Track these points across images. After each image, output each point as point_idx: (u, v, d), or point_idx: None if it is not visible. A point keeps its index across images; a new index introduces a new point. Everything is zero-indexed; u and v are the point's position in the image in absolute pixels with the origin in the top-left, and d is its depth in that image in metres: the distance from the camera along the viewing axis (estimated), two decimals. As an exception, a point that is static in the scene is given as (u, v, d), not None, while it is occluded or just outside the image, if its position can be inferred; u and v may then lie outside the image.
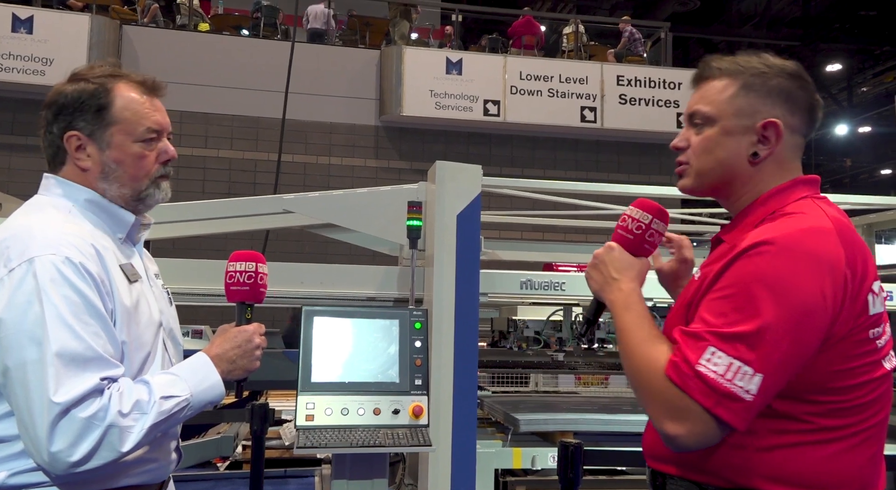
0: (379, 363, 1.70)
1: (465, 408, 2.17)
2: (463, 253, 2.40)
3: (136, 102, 1.28)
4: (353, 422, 1.62)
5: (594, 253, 1.28)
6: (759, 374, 1.00)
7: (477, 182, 2.50)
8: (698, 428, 1.01)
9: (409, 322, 1.75)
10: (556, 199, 3.06)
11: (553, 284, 2.52)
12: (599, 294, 1.24)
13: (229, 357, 1.29)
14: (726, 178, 1.20)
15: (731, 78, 1.20)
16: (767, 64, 1.20)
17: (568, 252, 3.36)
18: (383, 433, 1.60)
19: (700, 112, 1.20)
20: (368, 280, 2.54)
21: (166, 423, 1.16)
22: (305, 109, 8.47)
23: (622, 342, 1.16)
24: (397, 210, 2.50)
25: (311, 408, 1.61)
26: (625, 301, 1.17)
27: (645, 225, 1.23)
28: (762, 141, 1.17)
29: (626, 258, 1.23)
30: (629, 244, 1.24)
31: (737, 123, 1.18)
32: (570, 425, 2.61)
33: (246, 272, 1.39)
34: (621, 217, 1.28)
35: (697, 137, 1.21)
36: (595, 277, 1.25)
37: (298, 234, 7.69)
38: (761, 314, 1.01)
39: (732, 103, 1.18)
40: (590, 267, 1.28)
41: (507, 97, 8.79)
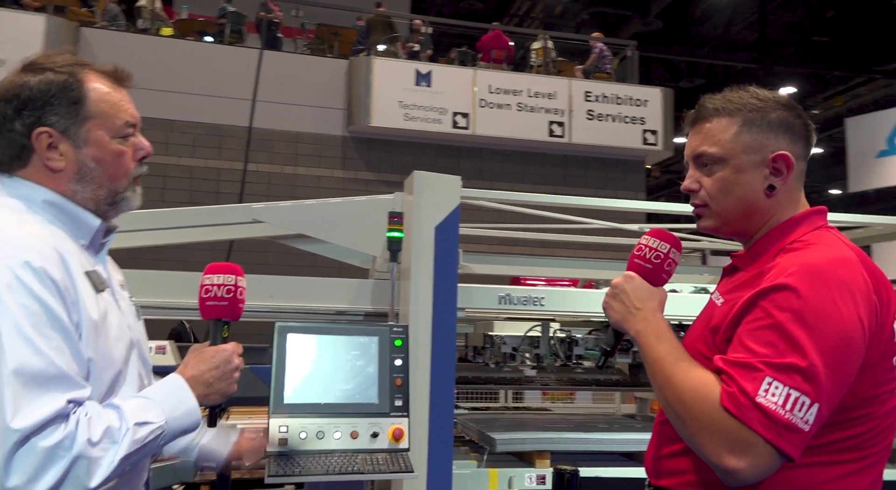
0: (357, 383, 1.60)
1: (442, 429, 2.08)
2: (441, 266, 2.32)
3: (110, 94, 1.15)
4: (330, 446, 1.51)
5: (612, 283, 1.26)
6: (816, 404, 0.99)
7: (456, 193, 2.43)
8: (760, 460, 0.99)
9: (389, 339, 1.66)
10: (533, 212, 3.01)
11: (532, 299, 2.46)
12: (622, 324, 1.22)
13: (206, 380, 1.16)
14: (747, 214, 1.21)
15: (730, 116, 1.21)
16: (760, 98, 1.22)
17: (543, 266, 3.31)
18: (362, 458, 1.50)
19: (708, 153, 1.21)
20: (341, 293, 2.43)
21: (139, 453, 1.03)
22: (271, 118, 8.32)
23: (659, 373, 1.12)
24: (372, 221, 2.40)
25: (284, 431, 1.50)
26: (655, 331, 1.16)
27: (664, 255, 1.24)
28: (774, 173, 1.19)
29: (646, 287, 1.22)
30: (647, 273, 1.24)
31: (747, 160, 1.19)
32: (548, 445, 2.54)
33: (224, 286, 1.26)
34: (636, 247, 1.27)
35: (710, 179, 1.22)
36: (616, 307, 1.23)
37: (262, 244, 7.50)
38: (809, 344, 1.00)
39: (738, 141, 1.19)
40: (609, 297, 1.25)
41: (477, 110, 8.79)
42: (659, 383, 1.12)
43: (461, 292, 2.36)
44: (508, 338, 2.69)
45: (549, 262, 3.42)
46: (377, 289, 2.45)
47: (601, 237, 3.76)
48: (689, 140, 1.27)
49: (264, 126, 8.25)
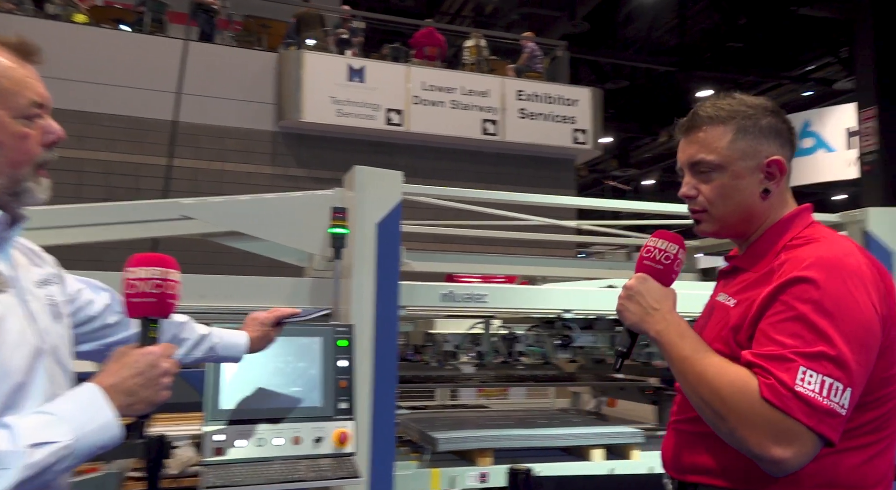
0: (299, 386, 1.53)
1: (384, 431, 2.02)
2: (384, 263, 2.26)
3: (13, 69, 1.02)
4: (271, 453, 1.43)
5: (626, 285, 1.27)
6: (849, 389, 1.04)
7: (397, 189, 2.37)
8: (805, 448, 1.03)
9: (333, 339, 1.59)
10: (474, 209, 3.00)
11: (475, 296, 2.44)
12: (640, 326, 1.23)
13: (128, 387, 1.02)
14: (745, 218, 1.27)
15: (724, 124, 1.25)
16: (749, 105, 1.27)
17: (485, 263, 3.30)
18: (305, 465, 1.43)
19: (706, 161, 1.25)
20: (277, 292, 2.33)
21: (40, 478, 0.90)
22: (197, 112, 7.97)
23: (690, 370, 1.13)
24: (311, 217, 2.32)
25: (220, 440, 1.41)
26: (677, 329, 1.18)
27: (673, 255, 1.26)
28: (769, 177, 1.25)
29: (660, 288, 1.24)
30: (658, 274, 1.26)
31: (744, 166, 1.24)
32: (491, 442, 2.53)
33: (152, 280, 1.12)
34: (644, 248, 1.29)
35: (709, 186, 1.26)
36: (633, 309, 1.24)
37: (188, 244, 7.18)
38: (834, 332, 1.05)
39: (735, 148, 1.24)
40: (624, 299, 1.26)
41: (411, 107, 8.73)
42: (691, 380, 1.13)
43: (403, 290, 2.31)
44: (450, 336, 2.66)
45: (491, 259, 3.42)
46: (316, 287, 2.36)
47: (540, 234, 3.80)
48: (683, 148, 1.31)
49: (189, 120, 7.88)
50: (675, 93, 19.14)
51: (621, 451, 2.65)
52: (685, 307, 2.67)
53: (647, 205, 2.89)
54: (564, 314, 2.51)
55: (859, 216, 2.76)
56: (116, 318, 1.31)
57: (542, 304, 2.50)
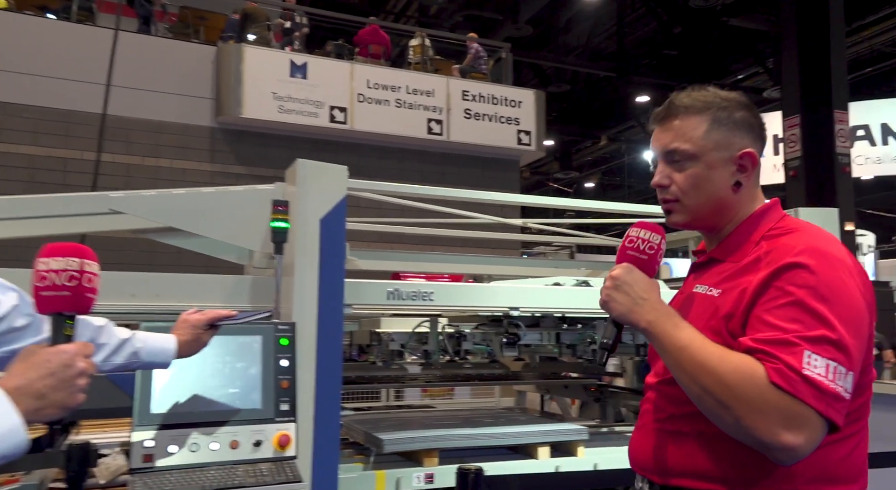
0: (237, 387, 1.45)
1: (328, 433, 1.95)
2: (327, 260, 2.19)
3: None
4: (205, 459, 1.35)
5: (611, 275, 1.23)
6: (851, 373, 1.03)
7: (342, 183, 2.30)
8: (815, 433, 1.01)
9: (274, 338, 1.52)
10: (419, 206, 2.95)
11: (421, 294, 2.39)
12: (628, 316, 1.18)
13: (37, 390, 0.92)
14: (717, 209, 1.25)
15: (699, 115, 1.25)
16: (723, 97, 1.27)
17: (432, 262, 3.27)
18: (243, 470, 1.35)
19: (680, 150, 1.24)
20: (215, 291, 2.23)
21: None
22: (129, 105, 7.62)
23: (689, 360, 1.09)
24: (251, 212, 2.22)
25: (150, 446, 1.32)
26: (670, 319, 1.14)
27: (656, 246, 1.23)
28: (741, 170, 1.24)
29: (646, 278, 1.21)
30: (643, 265, 1.23)
31: (717, 157, 1.23)
32: (437, 443, 2.49)
33: (66, 271, 1.03)
34: (627, 239, 1.26)
35: (682, 175, 1.25)
36: (620, 299, 1.19)
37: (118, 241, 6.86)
38: (832, 317, 1.04)
39: (709, 138, 1.23)
40: (610, 289, 1.21)
41: (355, 105, 8.61)
42: (690, 371, 1.08)
43: (348, 288, 2.24)
44: (396, 335, 2.61)
45: (437, 258, 3.38)
46: (256, 286, 2.27)
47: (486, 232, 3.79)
48: (658, 136, 1.29)
49: (121, 113, 7.54)
50: (614, 98, 19.63)
51: (567, 449, 2.66)
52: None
53: (588, 203, 2.92)
54: (512, 312, 2.50)
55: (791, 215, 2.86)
56: (25, 321, 1.19)
57: (490, 302, 2.49)
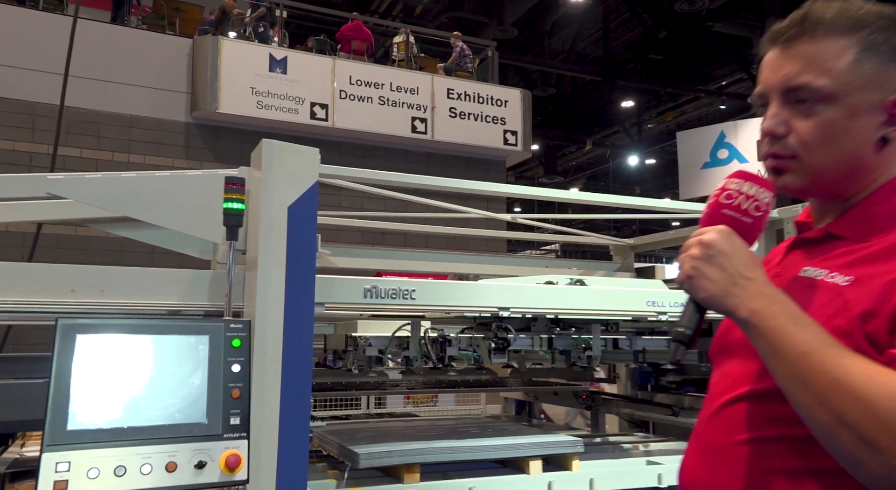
0: (177, 397, 1.21)
1: (294, 451, 1.70)
2: (296, 253, 1.95)
3: None
4: (134, 486, 1.10)
5: (702, 240, 0.91)
6: None
7: (314, 168, 2.06)
8: None
9: (225, 339, 1.28)
10: (399, 196, 2.72)
11: (402, 292, 2.16)
12: (721, 300, 0.87)
13: None
14: (849, 172, 0.93)
15: (845, 36, 0.92)
16: (880, 14, 0.93)
17: (415, 260, 3.04)
18: (181, 500, 1.11)
19: (813, 87, 0.91)
20: (170, 287, 1.97)
21: None
22: (99, 98, 7.32)
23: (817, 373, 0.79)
24: (211, 198, 1.97)
25: (63, 470, 1.07)
26: (786, 311, 0.83)
27: (765, 206, 0.93)
28: (891, 121, 0.92)
29: (748, 250, 0.90)
30: (745, 231, 0.91)
31: (864, 100, 0.91)
32: (418, 457, 2.25)
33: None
34: (723, 193, 0.94)
35: (808, 122, 0.92)
36: (713, 275, 0.87)
37: (83, 240, 6.54)
38: None
39: (858, 72, 0.91)
40: (699, 260, 0.89)
41: (336, 102, 8.36)
42: (816, 388, 0.78)
43: (320, 284, 2.00)
44: (374, 339, 2.36)
45: (419, 256, 3.16)
46: (217, 281, 2.02)
47: (472, 229, 3.56)
48: (777, 64, 0.96)
49: (91, 106, 7.24)
50: (599, 102, 19.61)
51: (560, 462, 2.44)
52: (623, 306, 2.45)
53: (593, 196, 2.70)
54: (501, 313, 2.28)
55: (798, 209, 2.67)
56: None
57: (477, 302, 2.26)
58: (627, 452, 2.80)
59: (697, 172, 16.97)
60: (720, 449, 0.94)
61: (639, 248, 3.67)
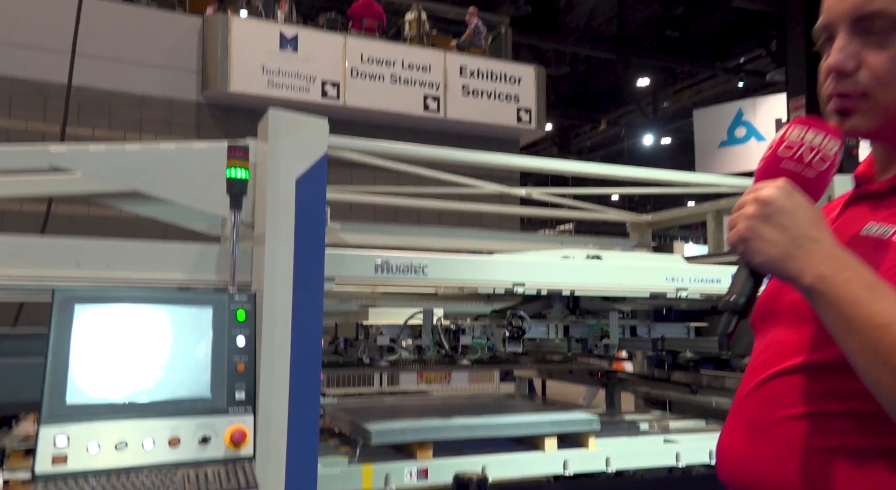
0: (180, 371, 1.16)
1: (304, 426, 1.67)
2: (304, 226, 1.90)
3: None
4: (136, 461, 1.07)
5: (759, 196, 0.81)
6: None
7: (322, 139, 2.01)
8: None
9: (229, 311, 1.23)
10: (412, 170, 2.66)
11: (414, 267, 2.10)
12: (782, 264, 0.78)
13: None
14: None
15: None
16: None
17: (431, 236, 2.98)
18: (183, 475, 1.07)
19: (889, 12, 0.81)
20: (176, 262, 1.92)
21: None
22: (110, 77, 7.29)
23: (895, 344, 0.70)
24: (217, 170, 1.92)
25: (63, 444, 1.03)
26: (858, 276, 0.74)
27: (831, 157, 0.83)
28: None
29: (813, 207, 0.80)
30: (809, 186, 0.82)
31: None
32: (431, 434, 2.21)
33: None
34: (783, 143, 0.85)
35: (883, 55, 0.81)
36: (772, 237, 0.78)
37: (96, 220, 6.55)
38: None
39: None
40: (756, 219, 0.79)
41: (348, 80, 8.27)
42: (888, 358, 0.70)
43: (330, 259, 1.95)
44: (385, 328, 2.31)
45: (431, 232, 3.10)
46: (225, 255, 1.97)
47: (489, 205, 3.50)
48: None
49: (102, 86, 7.21)
50: (614, 81, 19.31)
51: (576, 440, 2.39)
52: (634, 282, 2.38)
53: (600, 167, 2.62)
54: (517, 288, 2.22)
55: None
56: None
57: (491, 277, 2.20)
58: (644, 431, 2.75)
59: (714, 151, 16.73)
60: (766, 425, 0.86)
61: (656, 224, 3.58)
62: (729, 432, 0.94)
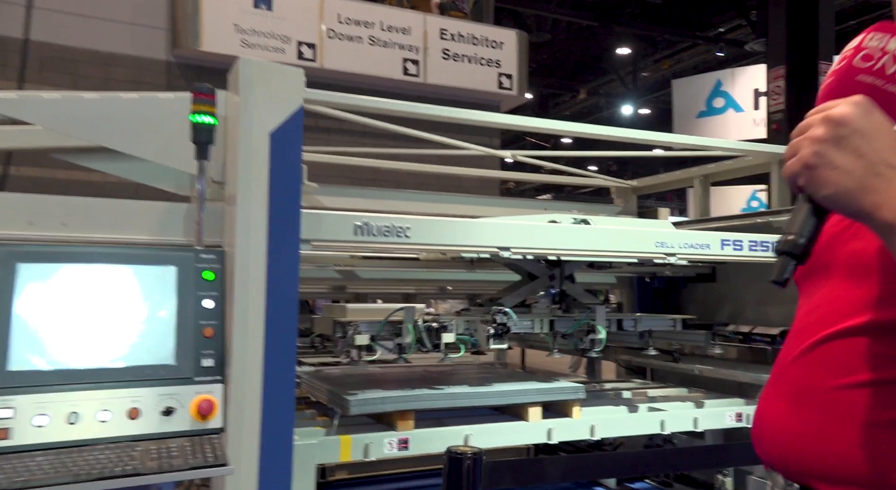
0: (141, 336, 1.05)
1: (280, 396, 1.57)
2: (279, 184, 1.77)
3: None
4: (90, 435, 0.96)
5: (829, 115, 0.67)
6: None
7: (298, 90, 1.87)
8: None
9: (195, 270, 1.12)
10: (394, 128, 2.54)
11: (395, 230, 2.00)
12: (856, 197, 0.65)
13: None
14: None
15: None
16: None
17: (407, 200, 2.87)
18: (144, 450, 0.97)
19: None
20: (141, 220, 1.79)
21: None
22: (75, 33, 6.93)
23: None
24: (184, 123, 1.77)
25: (6, 416, 0.92)
26: None
27: None
28: None
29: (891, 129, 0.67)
30: (891, 104, 0.69)
31: None
32: (413, 403, 2.14)
33: None
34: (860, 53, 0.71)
35: None
36: (845, 165, 0.65)
37: (81, 187, 6.29)
38: None
39: None
40: (826, 143, 0.65)
41: (325, 41, 7.99)
42: None
43: (307, 219, 1.83)
44: (364, 325, 2.19)
45: (413, 197, 2.99)
46: (194, 214, 1.84)
47: (463, 168, 3.39)
48: None
49: (65, 43, 6.86)
50: (595, 49, 19.10)
51: (560, 409, 2.34)
52: (617, 245, 2.30)
53: (586, 127, 2.52)
54: (502, 253, 2.12)
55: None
56: None
57: (476, 241, 2.10)
58: (629, 400, 2.71)
59: (693, 121, 16.74)
60: (818, 394, 0.76)
61: (641, 189, 3.51)
62: (770, 402, 0.82)
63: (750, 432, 0.85)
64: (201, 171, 1.56)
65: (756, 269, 2.93)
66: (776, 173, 2.74)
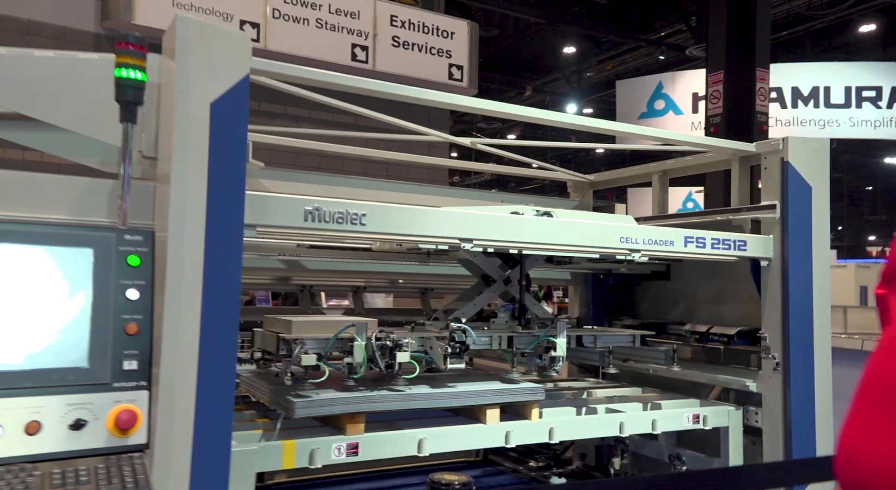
0: (45, 332, 0.85)
1: (217, 406, 1.37)
2: (221, 161, 1.57)
3: None
4: (-24, 457, 0.76)
5: None
6: None
7: (244, 57, 1.67)
8: None
9: (116, 253, 0.93)
10: (352, 108, 2.37)
11: (350, 216, 1.83)
12: None
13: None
14: None
15: None
16: None
17: (357, 188, 2.70)
18: (44, 474, 0.78)
19: None
20: (57, 197, 1.55)
21: None
22: (-9, -2, 6.37)
23: None
24: (110, 89, 1.55)
25: None
26: None
27: None
28: None
29: None
30: None
31: None
32: (363, 405, 1.97)
33: None
34: None
35: None
36: None
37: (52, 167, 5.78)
38: None
39: None
40: None
41: (269, 21, 7.64)
42: None
43: (251, 202, 1.64)
44: (312, 343, 1.99)
45: (364, 184, 2.82)
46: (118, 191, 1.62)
47: (413, 155, 3.25)
48: None
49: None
50: (541, 48, 19.24)
51: (518, 410, 2.22)
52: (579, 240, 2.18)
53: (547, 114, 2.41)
54: (464, 245, 1.98)
55: (779, 145, 2.47)
56: None
57: (436, 231, 1.96)
58: (586, 401, 2.63)
59: (634, 122, 17.08)
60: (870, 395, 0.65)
61: (598, 184, 3.44)
62: (864, 421, 0.69)
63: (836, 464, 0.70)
64: (127, 137, 1.34)
65: (710, 268, 2.90)
66: (736, 170, 2.70)
